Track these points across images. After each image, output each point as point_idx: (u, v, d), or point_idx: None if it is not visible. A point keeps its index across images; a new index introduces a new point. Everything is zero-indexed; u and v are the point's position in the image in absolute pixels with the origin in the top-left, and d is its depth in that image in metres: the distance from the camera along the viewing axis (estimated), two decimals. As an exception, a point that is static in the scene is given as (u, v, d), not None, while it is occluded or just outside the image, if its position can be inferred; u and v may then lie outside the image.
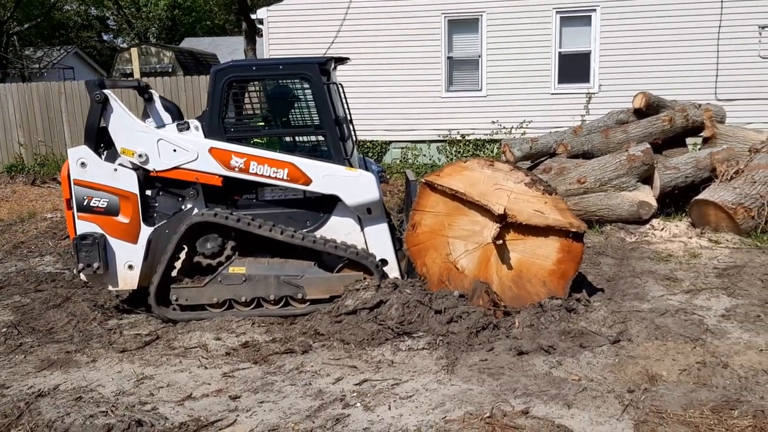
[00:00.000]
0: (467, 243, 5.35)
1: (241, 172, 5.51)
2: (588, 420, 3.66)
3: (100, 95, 5.48)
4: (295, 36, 14.00)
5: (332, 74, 6.06)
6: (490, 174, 5.36)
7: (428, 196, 5.42)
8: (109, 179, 5.53)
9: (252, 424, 3.80)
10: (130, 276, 5.66)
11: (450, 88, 13.76)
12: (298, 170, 5.49)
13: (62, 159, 14.33)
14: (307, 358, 4.72)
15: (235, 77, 5.59)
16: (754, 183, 7.65)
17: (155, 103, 6.32)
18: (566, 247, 5.21)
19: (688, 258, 6.85)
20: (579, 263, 5.28)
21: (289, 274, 5.56)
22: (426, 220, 5.42)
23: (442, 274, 5.40)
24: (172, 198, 5.72)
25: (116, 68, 27.98)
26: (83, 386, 4.41)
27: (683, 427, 3.51)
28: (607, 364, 4.40)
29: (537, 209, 5.22)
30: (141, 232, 5.60)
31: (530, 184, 5.31)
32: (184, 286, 5.62)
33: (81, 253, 5.52)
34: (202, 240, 5.62)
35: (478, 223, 5.32)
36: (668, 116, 9.30)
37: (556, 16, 13.23)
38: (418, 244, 5.43)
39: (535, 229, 5.23)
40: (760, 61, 12.79)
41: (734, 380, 4.09)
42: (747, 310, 5.26)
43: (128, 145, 5.54)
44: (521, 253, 5.28)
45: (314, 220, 5.72)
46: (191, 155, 5.51)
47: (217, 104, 5.54)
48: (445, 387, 4.15)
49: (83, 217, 5.57)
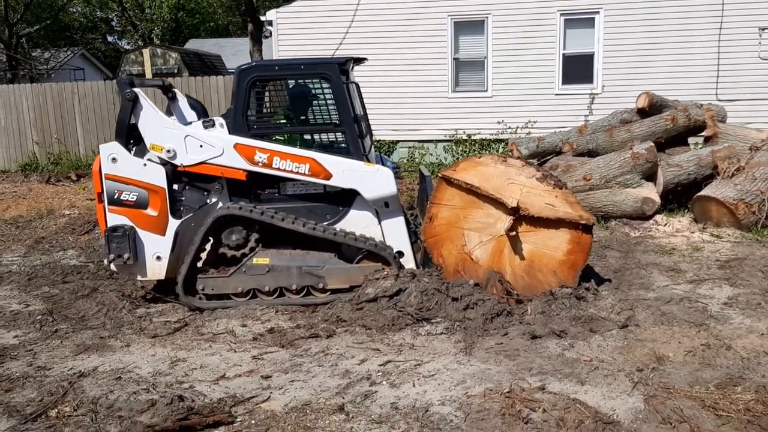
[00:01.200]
0: (481, 235, 5.61)
1: (264, 167, 5.77)
2: (601, 395, 3.92)
3: (131, 93, 5.75)
4: (304, 37, 14.27)
5: (351, 74, 6.33)
6: (503, 169, 5.62)
7: (445, 189, 5.68)
8: (139, 174, 5.81)
9: (286, 399, 4.06)
10: (158, 266, 5.93)
11: (456, 89, 14.03)
12: (319, 165, 5.75)
13: (76, 158, 14.63)
14: (331, 342, 4.98)
15: (258, 76, 5.87)
16: (755, 180, 7.90)
17: (179, 102, 6.58)
18: (576, 239, 5.47)
19: (691, 251, 7.10)
20: (588, 254, 5.54)
21: (311, 264, 5.82)
22: (442, 212, 5.68)
23: (457, 264, 5.66)
24: (198, 192, 5.99)
25: (122, 69, 28.24)
26: (121, 368, 4.66)
27: (690, 401, 3.77)
28: (616, 347, 4.66)
29: (548, 202, 5.48)
30: (169, 225, 5.87)
31: (541, 179, 5.57)
32: (210, 276, 5.88)
33: (112, 245, 5.79)
34: (228, 232, 5.88)
35: (492, 215, 5.58)
36: (671, 116, 9.56)
37: (561, 18, 13.50)
38: (435, 236, 5.69)
39: (546, 222, 5.49)
40: (760, 62, 13.05)
41: (737, 361, 4.35)
42: (748, 299, 5.52)
43: (157, 141, 5.80)
44: (533, 244, 5.54)
45: (334, 214, 5.98)
46: (217, 151, 5.77)
47: (242, 102, 5.81)
48: (464, 367, 4.41)
49: (114, 210, 5.84)
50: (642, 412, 3.69)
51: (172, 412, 3.78)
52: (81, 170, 14.07)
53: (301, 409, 3.92)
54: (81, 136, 14.71)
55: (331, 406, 3.93)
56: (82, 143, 14.71)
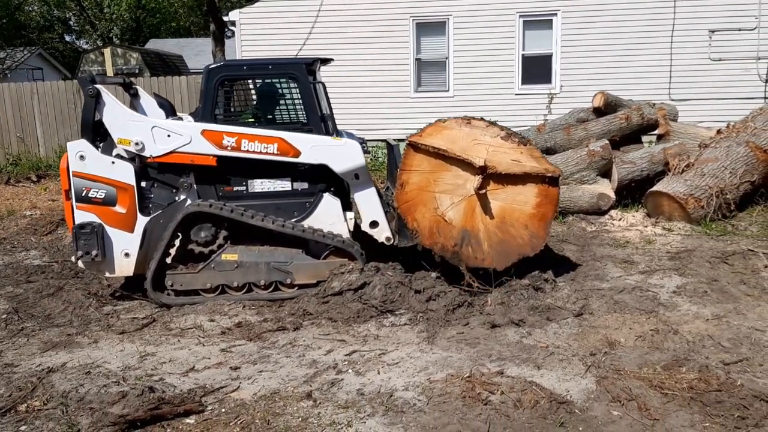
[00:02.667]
0: (453, 196, 5.77)
1: (233, 150, 5.83)
2: (556, 378, 4.13)
3: (93, 90, 5.78)
4: (268, 38, 14.34)
5: (318, 74, 6.46)
6: (468, 131, 5.78)
7: (413, 156, 5.82)
8: (107, 171, 5.85)
9: (255, 389, 4.18)
10: (126, 263, 5.98)
11: (419, 89, 14.24)
12: (287, 144, 5.84)
13: (36, 158, 14.46)
14: (298, 335, 5.12)
15: (226, 76, 5.97)
16: (704, 175, 8.24)
17: (141, 99, 6.64)
18: (543, 192, 5.70)
19: (643, 244, 7.40)
20: (556, 206, 5.81)
21: (279, 260, 5.93)
22: (413, 178, 5.80)
23: (431, 227, 5.79)
24: (167, 189, 6.06)
25: (82, 69, 27.87)
26: (89, 363, 4.72)
27: (638, 382, 4.00)
28: (571, 334, 4.89)
29: (514, 159, 5.68)
30: (137, 222, 5.93)
31: (506, 137, 5.76)
32: (179, 273, 5.96)
33: (80, 242, 5.82)
34: (197, 229, 5.96)
35: (460, 176, 5.74)
36: (625, 114, 9.89)
37: (520, 19, 13.81)
38: (408, 201, 5.81)
39: (514, 178, 5.69)
40: (710, 63, 13.53)
41: (683, 344, 4.61)
42: (696, 287, 5.81)
43: (124, 135, 5.85)
44: (503, 201, 5.74)
45: (301, 211, 6.10)
46: (185, 139, 5.83)
47: (210, 101, 5.91)
48: (427, 355, 4.59)
49: (82, 208, 5.87)
50: (594, 392, 3.91)
51: (143, 402, 3.87)
52: (41, 171, 13.91)
53: (269, 398, 4.05)
54: (41, 136, 14.54)
55: (299, 394, 4.07)
56: (42, 143, 14.54)
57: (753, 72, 13.46)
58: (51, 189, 12.34)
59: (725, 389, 3.86)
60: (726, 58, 13.43)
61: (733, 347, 4.55)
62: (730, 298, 5.52)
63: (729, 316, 5.13)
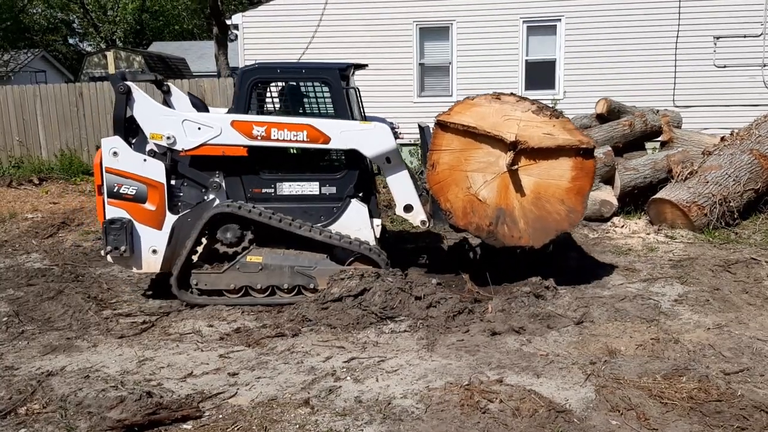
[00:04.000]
0: (485, 174, 5.70)
1: (263, 139, 5.83)
2: (555, 386, 4.11)
3: (124, 87, 5.85)
4: (271, 41, 14.35)
5: (351, 79, 6.48)
6: (498, 107, 5.71)
7: (441, 135, 5.76)
8: (139, 168, 5.91)
9: (252, 395, 4.17)
10: (153, 260, 6.04)
11: (422, 94, 14.24)
12: (316, 130, 5.81)
13: (38, 161, 14.48)
14: (297, 341, 5.10)
15: (260, 78, 6.02)
16: (707, 183, 8.22)
17: (173, 96, 6.70)
18: (579, 165, 5.61)
19: (646, 251, 7.37)
20: (593, 178, 5.69)
21: (303, 265, 5.93)
22: (443, 158, 5.74)
23: (465, 207, 5.74)
24: (196, 188, 6.09)
25: (85, 72, 27.97)
26: (88, 367, 4.71)
27: (638, 391, 3.98)
28: (571, 342, 4.86)
29: (546, 132, 5.58)
30: (166, 220, 5.98)
31: (537, 111, 5.69)
32: (204, 272, 5.99)
33: (109, 237, 5.90)
34: (223, 229, 5.98)
35: (492, 154, 5.67)
36: (628, 121, 9.88)
37: (523, 25, 13.80)
38: (440, 182, 5.75)
39: (547, 152, 5.59)
40: (715, 69, 13.49)
41: (684, 353, 4.58)
42: (697, 296, 5.78)
43: (156, 130, 5.90)
44: (537, 176, 5.65)
45: (328, 215, 6.08)
46: (215, 131, 5.86)
47: (242, 102, 5.96)
48: (426, 362, 4.56)
49: (113, 203, 5.95)
50: (593, 401, 3.89)
51: (141, 407, 3.86)
52: (43, 174, 13.92)
53: (267, 404, 4.03)
54: (43, 139, 14.54)
55: (297, 401, 4.05)
56: (44, 146, 14.54)
57: (758, 79, 13.41)
58: (52, 192, 12.36)
59: (725, 399, 3.83)
60: (731, 65, 13.39)
61: (734, 357, 4.52)
62: (732, 307, 5.49)
63: (731, 325, 5.10)
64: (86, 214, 10.11)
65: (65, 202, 11.31)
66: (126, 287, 6.82)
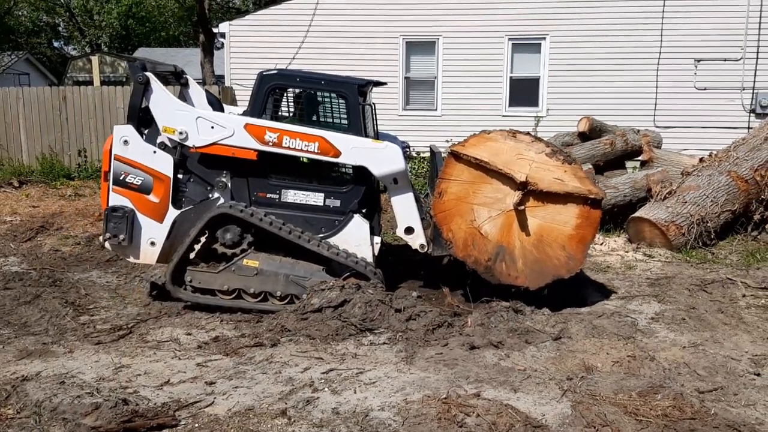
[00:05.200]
0: (491, 210, 5.74)
1: (274, 146, 5.84)
2: (532, 401, 4.13)
3: (143, 77, 5.87)
4: (257, 50, 14.39)
5: (368, 96, 6.51)
6: (512, 144, 5.75)
7: (454, 165, 5.79)
8: (148, 160, 5.94)
9: (229, 404, 4.14)
10: (151, 252, 6.05)
11: (407, 107, 14.33)
12: (328, 143, 5.83)
13: (18, 164, 14.33)
14: (275, 351, 5.08)
15: (278, 84, 6.06)
16: (685, 203, 8.33)
17: (190, 89, 6.72)
18: (585, 214, 5.63)
19: (624, 269, 7.45)
20: (597, 229, 5.72)
21: (298, 274, 5.91)
22: (452, 188, 5.78)
23: (467, 239, 5.77)
24: (202, 186, 6.10)
25: (69, 75, 27.80)
26: (64, 373, 4.66)
27: (613, 407, 4.01)
28: (549, 357, 4.90)
29: (557, 177, 5.63)
30: (168, 213, 6.00)
31: (551, 154, 5.73)
32: (199, 270, 5.99)
33: (110, 224, 5.94)
34: (223, 230, 5.99)
35: (501, 190, 5.71)
36: (610, 140, 10.00)
37: (509, 42, 13.95)
38: (445, 210, 5.79)
39: (555, 196, 5.62)
40: (695, 91, 13.73)
41: (659, 371, 4.63)
42: (674, 314, 5.84)
43: (169, 123, 5.91)
44: (542, 219, 5.68)
45: (329, 228, 6.08)
46: (228, 132, 5.87)
47: (259, 105, 5.98)
48: (404, 375, 4.57)
49: (117, 191, 5.98)
50: (569, 417, 3.91)
51: (116, 414, 3.83)
52: (23, 177, 13.77)
53: (244, 414, 4.01)
54: (24, 142, 14.40)
55: (274, 411, 4.04)
56: (26, 149, 14.39)
57: (737, 102, 13.66)
58: (32, 195, 12.23)
59: (699, 417, 3.88)
60: (711, 88, 13.63)
61: (709, 375, 4.58)
62: (707, 326, 5.56)
63: (706, 344, 5.17)
64: (66, 219, 10.02)
65: (45, 206, 11.20)
66: (104, 293, 6.77)
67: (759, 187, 8.46)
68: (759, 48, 13.43)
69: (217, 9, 31.44)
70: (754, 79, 13.53)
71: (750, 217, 8.57)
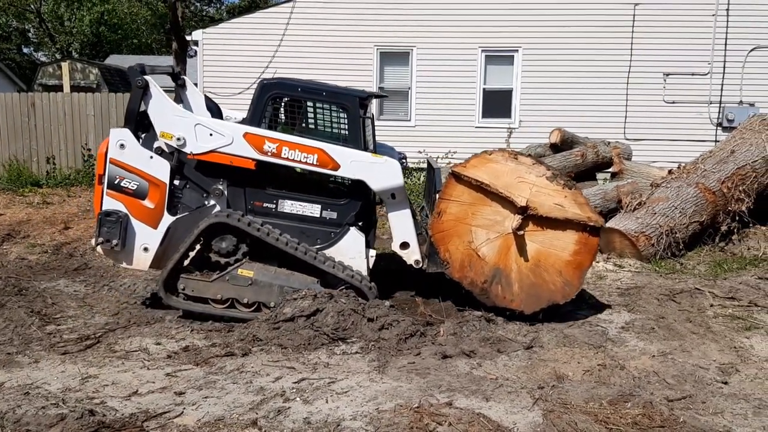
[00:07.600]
0: (489, 232, 5.73)
1: (273, 156, 5.79)
2: (504, 410, 4.13)
3: (142, 81, 5.78)
4: (230, 58, 14.33)
5: (369, 108, 6.49)
6: (513, 167, 5.76)
7: (454, 185, 5.78)
8: (144, 164, 5.85)
9: (198, 415, 4.08)
10: (144, 257, 5.96)
11: (380, 117, 14.33)
12: (327, 156, 5.79)
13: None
14: (246, 360, 5.03)
15: (279, 93, 6.03)
16: (655, 214, 8.44)
17: (187, 91, 6.64)
18: (583, 240, 5.65)
19: (595, 279, 7.51)
20: (594, 256, 5.74)
21: (293, 286, 5.84)
22: (451, 208, 5.77)
23: (463, 260, 5.75)
24: (198, 193, 6.03)
25: (38, 81, 27.39)
26: (29, 384, 4.56)
27: (584, 416, 4.03)
28: (520, 366, 4.91)
29: (557, 203, 5.64)
30: (162, 220, 5.91)
31: (551, 178, 5.74)
32: (193, 278, 5.91)
33: (102, 228, 5.83)
34: (219, 239, 5.92)
35: (500, 213, 5.71)
36: (581, 152, 10.12)
37: (482, 54, 14.07)
38: (443, 231, 5.78)
39: (554, 222, 5.64)
40: (664, 105, 13.96)
41: (629, 379, 4.67)
42: (643, 324, 5.90)
43: (167, 129, 5.83)
44: (540, 243, 5.69)
45: (325, 239, 6.05)
46: (227, 140, 5.80)
47: (258, 113, 5.93)
48: (377, 384, 4.55)
49: (111, 195, 5.88)
50: (540, 425, 3.92)
51: (82, 426, 3.75)
52: (-10, 184, 13.53)
53: (214, 424, 3.96)
54: (-7, 148, 14.16)
55: (244, 422, 3.99)
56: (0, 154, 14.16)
57: (705, 115, 13.93)
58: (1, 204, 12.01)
59: (668, 425, 3.91)
60: (679, 101, 13.88)
61: (678, 384, 4.63)
62: (676, 336, 5.62)
63: (674, 353, 5.22)
64: (33, 227, 9.85)
65: (11, 213, 10.99)
66: (72, 302, 6.65)
67: (726, 198, 8.61)
68: (725, 63, 13.72)
69: (190, 17, 31.27)
70: (721, 93, 13.81)
71: (717, 228, 8.72)
